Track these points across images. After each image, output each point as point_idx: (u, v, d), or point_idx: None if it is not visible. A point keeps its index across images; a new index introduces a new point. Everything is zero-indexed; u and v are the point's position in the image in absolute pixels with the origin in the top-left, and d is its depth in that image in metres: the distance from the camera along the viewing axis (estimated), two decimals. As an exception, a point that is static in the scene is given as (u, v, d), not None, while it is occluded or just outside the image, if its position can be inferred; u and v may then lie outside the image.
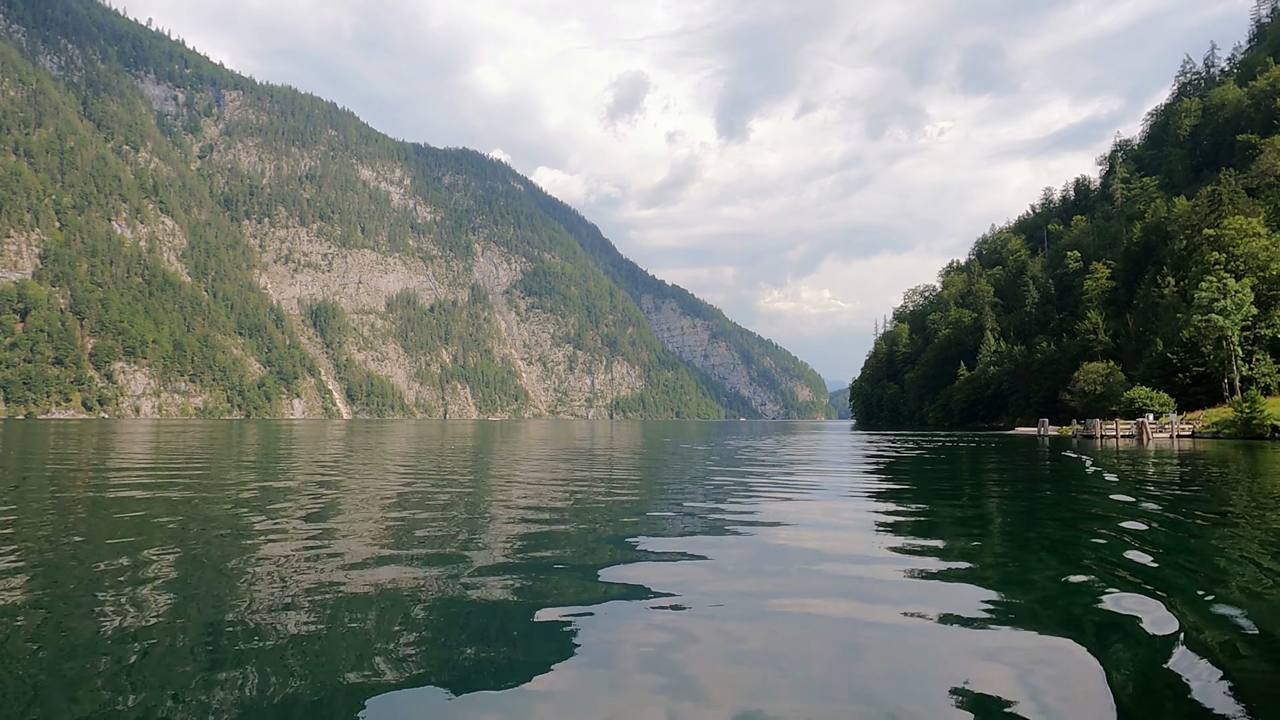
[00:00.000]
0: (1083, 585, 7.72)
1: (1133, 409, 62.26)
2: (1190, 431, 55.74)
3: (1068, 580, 7.98)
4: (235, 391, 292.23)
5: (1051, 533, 11.31)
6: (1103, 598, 7.14)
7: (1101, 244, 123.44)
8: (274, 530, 11.05)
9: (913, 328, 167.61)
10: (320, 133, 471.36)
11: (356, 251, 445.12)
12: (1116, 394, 74.55)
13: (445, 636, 5.99)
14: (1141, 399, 63.06)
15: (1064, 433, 65.89)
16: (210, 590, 7.39)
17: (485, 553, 9.30)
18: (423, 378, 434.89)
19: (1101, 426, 54.83)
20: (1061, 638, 5.95)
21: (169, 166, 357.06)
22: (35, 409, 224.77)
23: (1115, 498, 15.97)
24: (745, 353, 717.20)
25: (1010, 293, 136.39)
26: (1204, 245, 75.10)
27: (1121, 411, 63.34)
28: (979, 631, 6.12)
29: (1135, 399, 63.50)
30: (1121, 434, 52.83)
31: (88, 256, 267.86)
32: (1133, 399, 63.87)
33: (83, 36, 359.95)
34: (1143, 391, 64.52)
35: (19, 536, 10.36)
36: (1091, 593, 7.39)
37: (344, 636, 5.92)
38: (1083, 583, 7.83)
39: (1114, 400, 75.81)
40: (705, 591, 7.34)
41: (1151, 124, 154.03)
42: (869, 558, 9.25)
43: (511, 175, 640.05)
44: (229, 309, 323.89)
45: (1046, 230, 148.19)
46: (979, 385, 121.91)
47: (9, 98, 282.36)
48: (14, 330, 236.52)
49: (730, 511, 13.28)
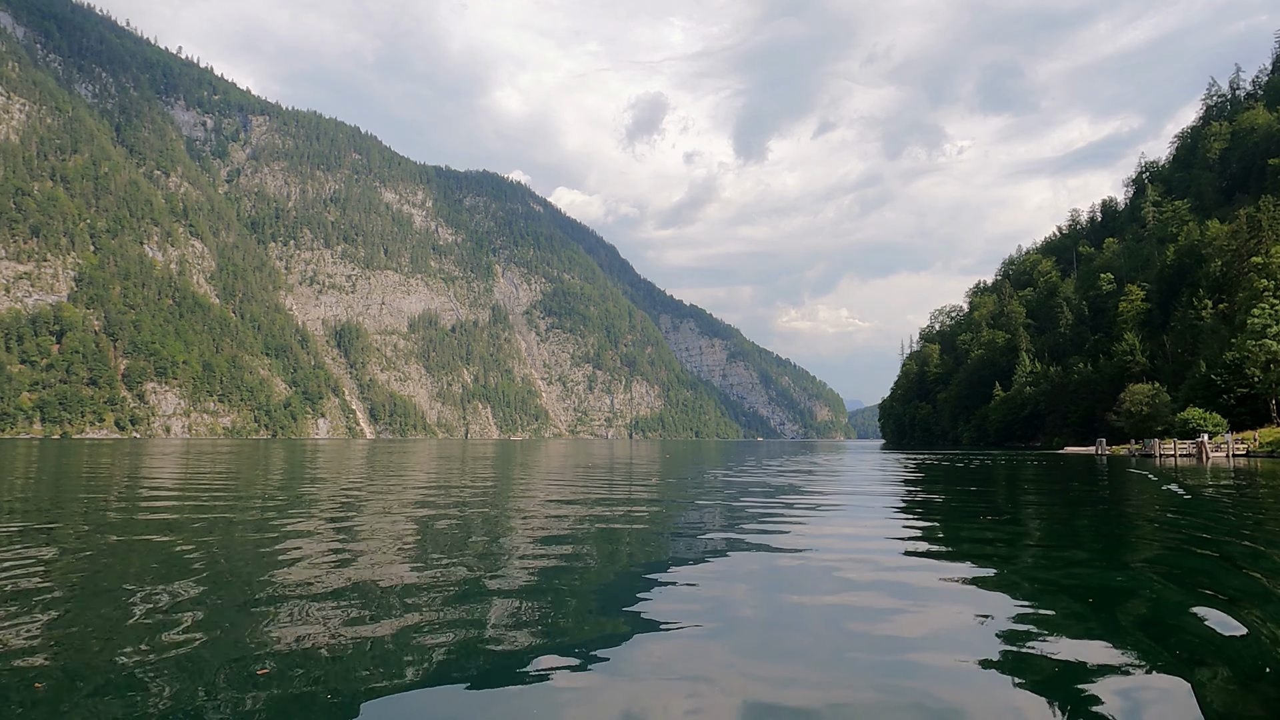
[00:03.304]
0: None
1: (1186, 429, 63.65)
2: (1245, 451, 56.97)
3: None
4: (262, 411, 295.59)
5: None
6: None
7: (1133, 266, 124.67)
8: (301, 541, 11.79)
9: (943, 348, 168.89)
10: (344, 156, 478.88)
11: (379, 273, 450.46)
12: (1163, 414, 75.87)
13: (466, 648, 6.21)
14: (1195, 419, 64.54)
15: (1116, 452, 67.15)
16: (237, 602, 7.81)
17: (503, 579, 9.32)
18: (444, 397, 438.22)
19: (1160, 446, 56.19)
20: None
21: (198, 191, 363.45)
22: (70, 429, 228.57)
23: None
24: (763, 372, 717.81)
25: (1042, 314, 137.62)
26: (1251, 273, 76.47)
27: (1175, 431, 64.69)
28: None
29: (1189, 419, 65.00)
30: (1180, 453, 54.20)
31: (121, 279, 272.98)
32: (1186, 419, 65.39)
33: (116, 65, 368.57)
34: (1196, 412, 66.02)
35: (59, 545, 11.38)
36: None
37: (367, 648, 6.17)
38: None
39: (1160, 420, 77.08)
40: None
41: (1178, 146, 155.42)
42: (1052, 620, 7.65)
43: (531, 197, 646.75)
44: (256, 330, 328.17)
45: (1076, 252, 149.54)
46: (1015, 405, 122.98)
47: (46, 125, 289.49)
48: (50, 352, 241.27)
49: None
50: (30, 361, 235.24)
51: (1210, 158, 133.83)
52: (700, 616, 7.58)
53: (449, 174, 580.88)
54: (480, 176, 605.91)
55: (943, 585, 9.31)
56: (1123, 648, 6.59)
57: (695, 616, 7.56)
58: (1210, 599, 8.41)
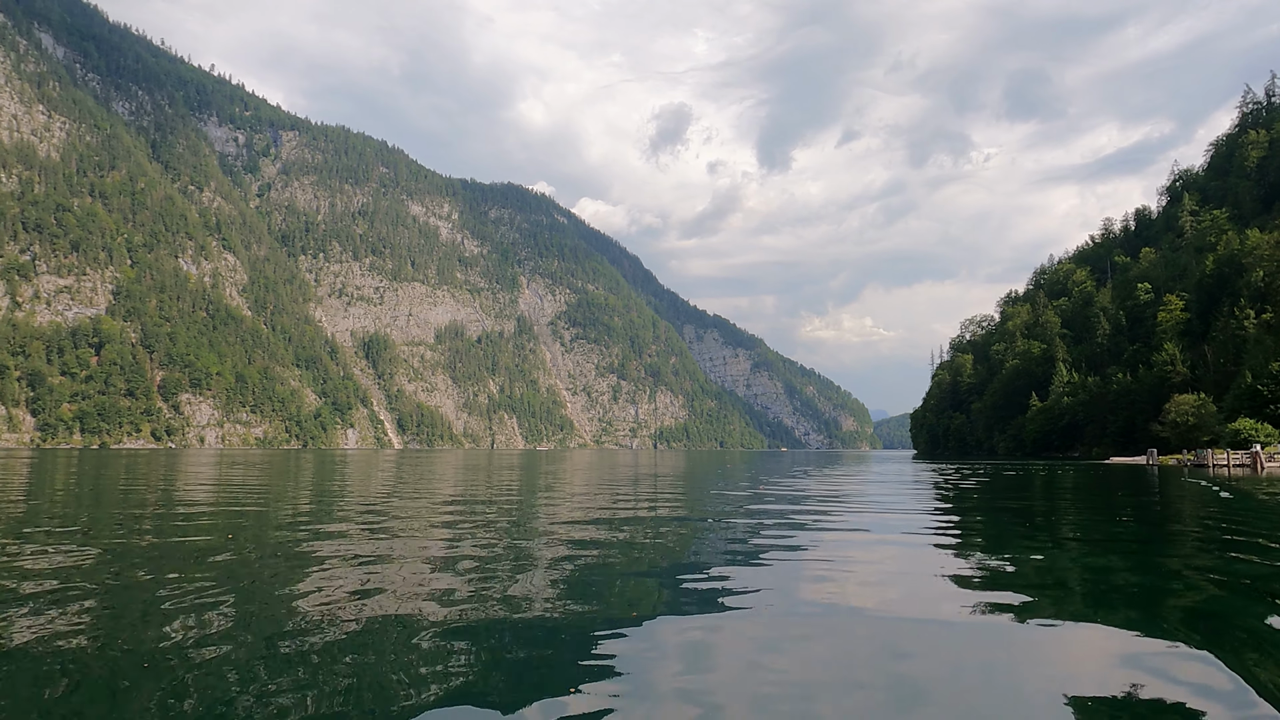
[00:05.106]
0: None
1: (1237, 440, 63.51)
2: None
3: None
4: (293, 422, 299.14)
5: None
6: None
7: (1170, 275, 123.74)
8: (330, 550, 11.95)
9: (976, 358, 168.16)
10: (372, 170, 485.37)
11: (407, 285, 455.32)
12: (1209, 425, 75.59)
13: (490, 666, 6.19)
14: (1246, 430, 64.42)
15: (1164, 462, 66.95)
16: (267, 609, 7.94)
17: (531, 598, 8.84)
18: (471, 408, 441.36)
19: (1213, 456, 56.12)
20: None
21: (230, 205, 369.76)
22: (109, 439, 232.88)
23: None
24: (787, 382, 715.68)
25: (1078, 323, 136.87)
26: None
27: (1225, 442, 64.53)
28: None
29: (1240, 430, 64.88)
30: (1234, 463, 54.09)
31: (157, 292, 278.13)
32: (1236, 430, 65.30)
33: (152, 83, 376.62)
34: (1247, 423, 65.96)
35: (98, 549, 11.84)
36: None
37: (392, 658, 6.21)
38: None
39: (1206, 431, 76.71)
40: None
41: (1214, 154, 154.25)
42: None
43: (555, 208, 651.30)
44: (286, 342, 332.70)
45: (1111, 261, 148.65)
46: (1053, 415, 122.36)
47: (85, 143, 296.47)
48: (90, 364, 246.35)
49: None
50: (70, 373, 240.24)
51: (1248, 166, 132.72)
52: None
53: (474, 186, 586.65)
54: (505, 189, 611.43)
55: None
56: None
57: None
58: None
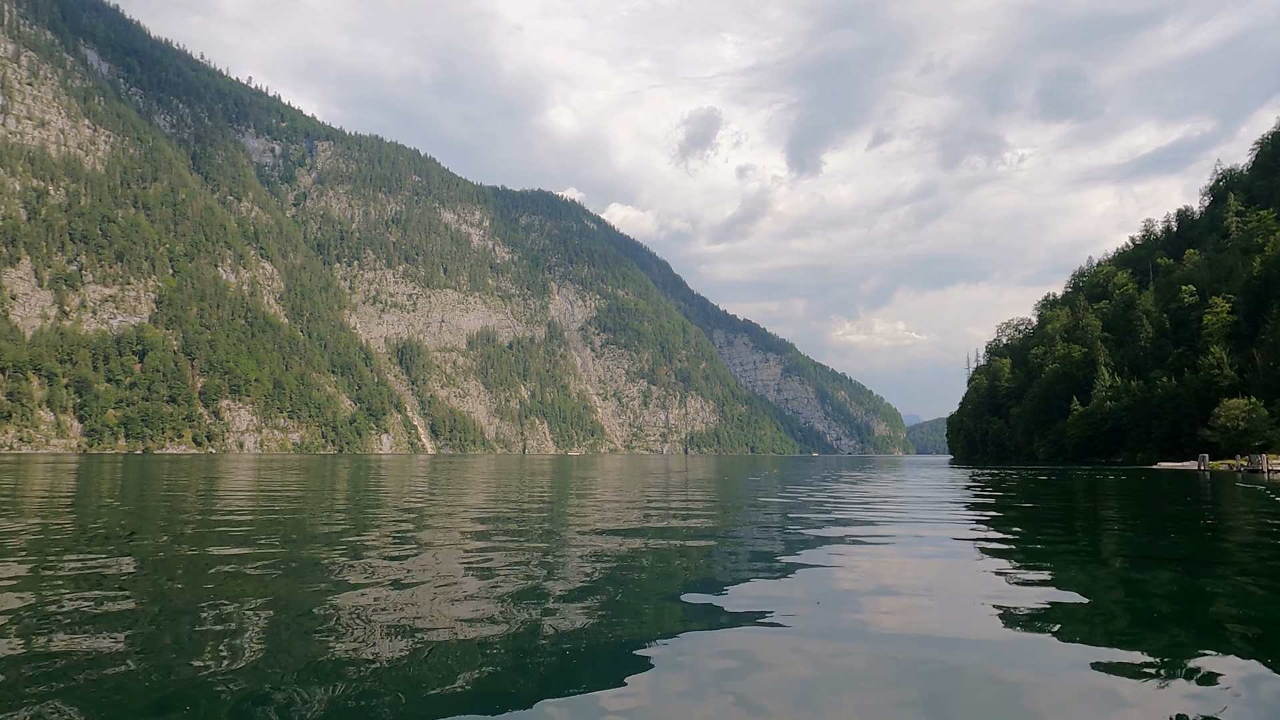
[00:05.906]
0: None
1: (1293, 445, 62.32)
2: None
3: None
4: (329, 427, 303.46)
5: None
6: None
7: (1215, 277, 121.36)
8: (363, 555, 12.06)
9: (1014, 362, 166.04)
10: (405, 178, 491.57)
11: (439, 292, 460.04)
12: (1260, 430, 74.03)
13: (516, 672, 6.11)
14: (1302, 435, 63.10)
15: (1216, 467, 65.68)
16: (296, 615, 7.91)
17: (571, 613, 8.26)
18: (502, 413, 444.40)
19: (1268, 461, 55.12)
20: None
21: (267, 214, 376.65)
22: (152, 444, 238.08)
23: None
24: (819, 387, 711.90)
25: (1119, 327, 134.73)
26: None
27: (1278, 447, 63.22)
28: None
29: (1294, 435, 63.57)
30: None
31: (197, 301, 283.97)
32: (1291, 435, 63.95)
33: (192, 96, 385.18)
34: (1302, 427, 64.48)
35: (138, 556, 11.89)
36: None
37: (413, 670, 6.11)
38: None
39: (1257, 435, 75.20)
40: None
41: (1259, 152, 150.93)
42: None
43: (585, 215, 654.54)
44: (322, 348, 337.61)
45: (1153, 263, 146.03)
46: (1095, 420, 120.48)
47: (129, 155, 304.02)
48: (133, 370, 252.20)
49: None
50: (115, 380, 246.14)
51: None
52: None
53: (505, 193, 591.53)
54: (535, 195, 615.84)
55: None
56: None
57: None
58: None
